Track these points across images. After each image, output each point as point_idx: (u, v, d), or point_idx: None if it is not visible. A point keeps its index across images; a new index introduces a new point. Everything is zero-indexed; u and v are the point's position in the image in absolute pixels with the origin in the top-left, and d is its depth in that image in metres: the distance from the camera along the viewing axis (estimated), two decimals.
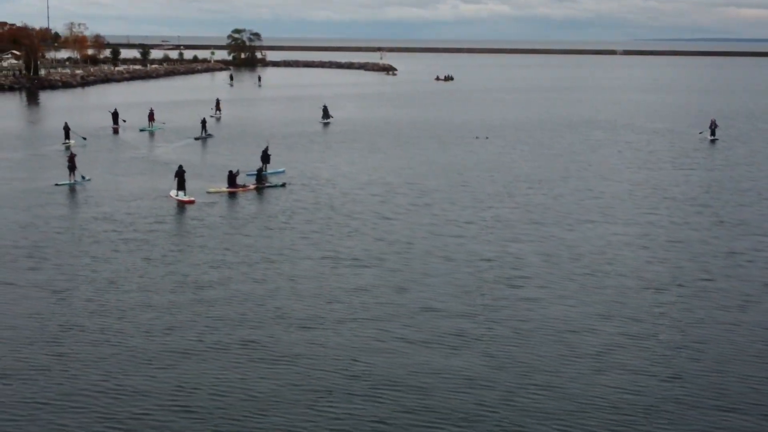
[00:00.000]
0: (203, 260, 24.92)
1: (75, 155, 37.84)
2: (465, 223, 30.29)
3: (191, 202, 33.34)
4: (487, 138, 54.66)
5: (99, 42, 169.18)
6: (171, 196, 34.08)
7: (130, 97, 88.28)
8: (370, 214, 31.52)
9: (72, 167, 36.92)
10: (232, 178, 34.95)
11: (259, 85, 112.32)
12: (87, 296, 21.55)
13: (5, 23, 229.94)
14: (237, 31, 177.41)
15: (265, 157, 38.87)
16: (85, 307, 20.72)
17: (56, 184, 36.76)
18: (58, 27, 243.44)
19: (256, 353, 17.72)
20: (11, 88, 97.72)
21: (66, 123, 51.82)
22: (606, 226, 29.81)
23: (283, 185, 36.20)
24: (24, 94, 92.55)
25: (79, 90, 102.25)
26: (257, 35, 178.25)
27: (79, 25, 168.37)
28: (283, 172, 39.51)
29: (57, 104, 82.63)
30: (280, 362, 17.27)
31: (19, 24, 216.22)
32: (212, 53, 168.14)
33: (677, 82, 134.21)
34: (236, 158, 45.07)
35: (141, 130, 57.24)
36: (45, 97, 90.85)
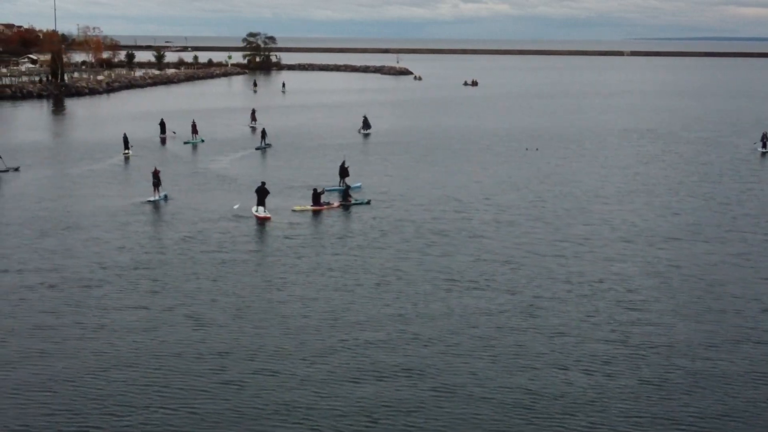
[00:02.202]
0: (322, 283, 25.33)
1: (159, 171, 38.17)
2: (557, 241, 30.72)
3: (267, 218, 33.78)
4: (537, 150, 54.99)
5: (114, 45, 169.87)
6: (253, 213, 34.45)
7: (159, 104, 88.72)
8: (460, 232, 31.92)
9: (156, 183, 37.27)
10: (316, 196, 35.35)
11: (284, 92, 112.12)
12: (224, 322, 21.97)
13: (12, 25, 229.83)
14: (252, 34, 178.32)
15: (343, 172, 39.29)
16: (228, 333, 21.12)
17: (148, 201, 37.12)
18: (63, 27, 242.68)
19: (422, 383, 18.12)
20: (39, 96, 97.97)
21: (125, 133, 52.39)
22: (699, 245, 30.24)
23: (368, 202, 36.55)
24: (52, 102, 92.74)
25: (104, 97, 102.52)
26: (272, 38, 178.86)
27: (94, 28, 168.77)
28: (359, 187, 39.83)
29: (92, 113, 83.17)
30: (444, 392, 17.70)
31: (26, 26, 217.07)
32: (229, 57, 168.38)
33: (697, 86, 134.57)
34: (300, 170, 45.55)
35: (185, 143, 57.22)
36: (75, 104, 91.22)
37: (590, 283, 25.47)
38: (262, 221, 33.74)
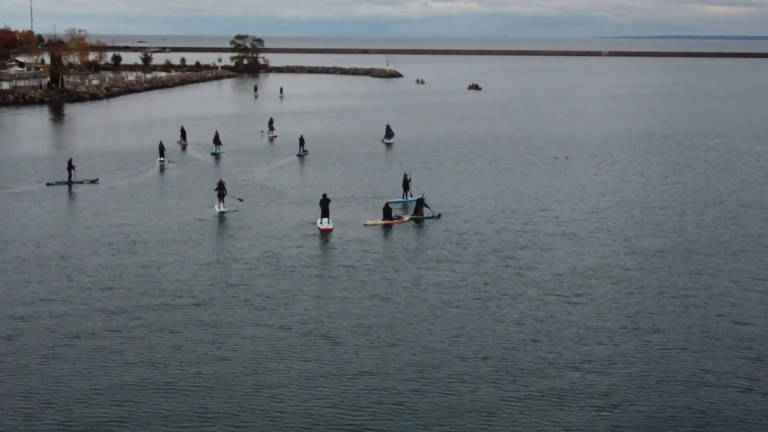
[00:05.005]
0: (431, 298, 25.81)
1: (225, 182, 38.46)
2: (633, 253, 31.43)
3: (329, 230, 34.22)
4: (566, 158, 55.66)
5: (102, 46, 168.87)
6: (317, 225, 34.83)
7: (162, 110, 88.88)
8: (533, 246, 32.48)
9: (222, 194, 37.50)
10: (387, 210, 35.79)
11: (281, 97, 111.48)
12: (356, 340, 22.36)
13: None
14: (240, 37, 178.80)
15: (406, 185, 39.82)
16: (367, 352, 21.51)
17: (220, 212, 37.41)
18: (37, 27, 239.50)
19: (574, 399, 18.69)
20: (41, 101, 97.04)
21: (161, 142, 52.68)
22: None
23: (439, 216, 36.99)
24: (54, 108, 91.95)
25: (104, 102, 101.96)
26: (260, 41, 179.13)
27: (80, 30, 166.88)
28: (424, 197, 40.13)
29: (100, 119, 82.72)
30: (619, 411, 18.27)
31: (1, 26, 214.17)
32: (219, 60, 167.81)
33: (687, 87, 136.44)
34: (342, 180, 45.96)
35: (212, 153, 56.88)
36: (79, 110, 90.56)
37: (686, 297, 26.23)
38: (325, 233, 34.09)
